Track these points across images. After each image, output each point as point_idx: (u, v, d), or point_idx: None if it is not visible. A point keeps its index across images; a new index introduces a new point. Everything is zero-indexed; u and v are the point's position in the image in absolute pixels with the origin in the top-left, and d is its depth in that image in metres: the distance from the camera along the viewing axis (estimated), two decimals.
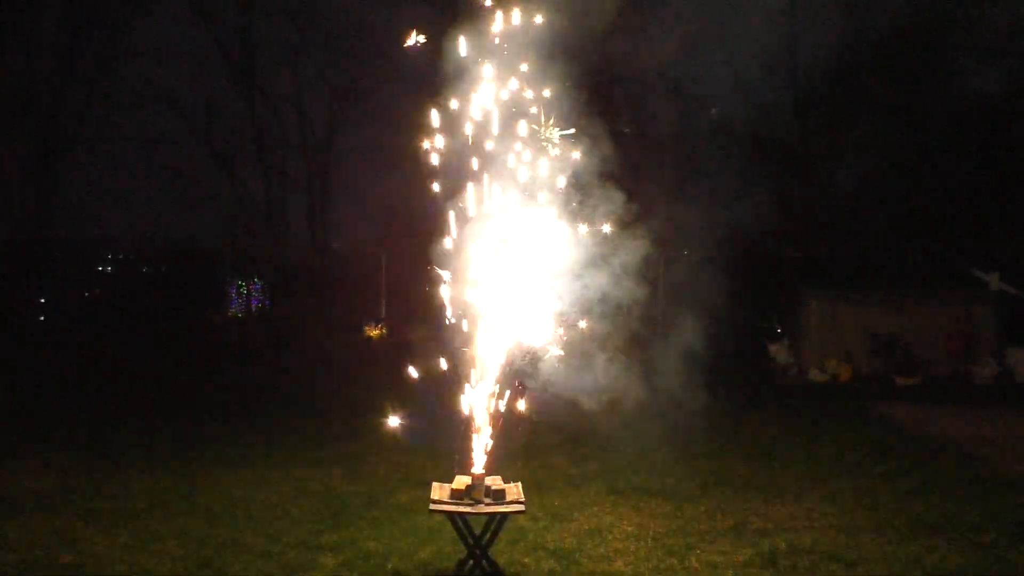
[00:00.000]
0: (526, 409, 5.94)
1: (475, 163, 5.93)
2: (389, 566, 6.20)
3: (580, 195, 6.30)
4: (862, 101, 22.71)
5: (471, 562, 5.74)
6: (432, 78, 6.01)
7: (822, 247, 21.31)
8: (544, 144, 5.99)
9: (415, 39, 5.95)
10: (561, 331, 6.05)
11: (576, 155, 6.15)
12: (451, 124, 5.98)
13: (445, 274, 5.94)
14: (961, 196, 21.07)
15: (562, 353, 6.04)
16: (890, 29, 22.11)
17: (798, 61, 23.84)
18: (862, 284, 18.12)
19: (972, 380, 15.52)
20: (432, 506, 5.67)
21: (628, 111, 21.91)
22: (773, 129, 24.33)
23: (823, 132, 23.60)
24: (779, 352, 16.99)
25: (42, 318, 20.76)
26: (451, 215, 5.96)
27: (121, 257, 27.00)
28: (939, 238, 20.85)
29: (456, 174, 5.99)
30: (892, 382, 15.51)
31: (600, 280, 6.33)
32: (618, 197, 6.48)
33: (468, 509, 5.60)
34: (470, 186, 5.94)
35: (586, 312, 6.31)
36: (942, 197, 21.29)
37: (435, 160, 5.97)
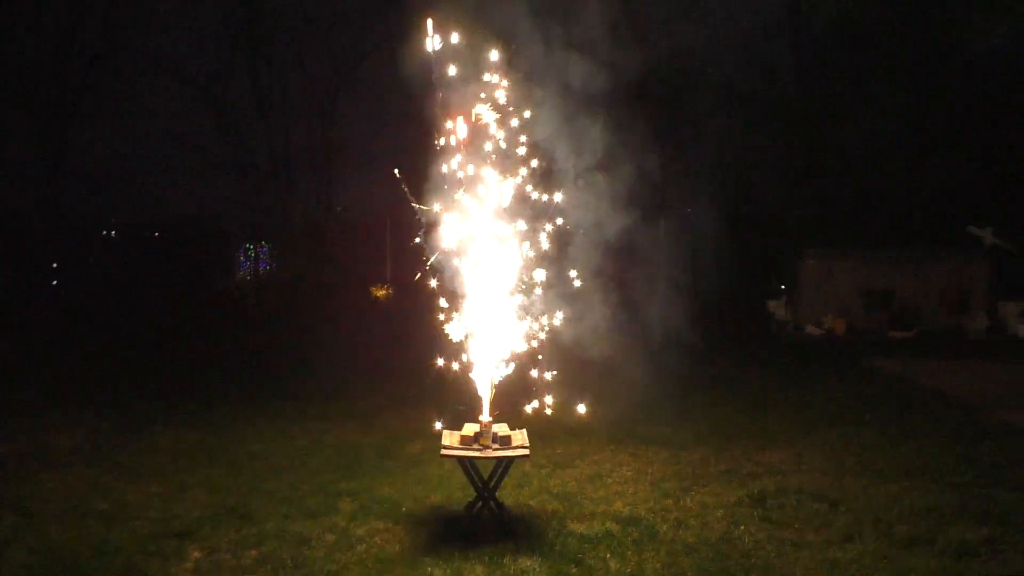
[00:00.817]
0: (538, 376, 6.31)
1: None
2: (403, 509, 6.64)
3: (580, 150, 6.59)
4: (866, 59, 22.81)
5: (480, 504, 6.17)
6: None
7: (822, 206, 21.60)
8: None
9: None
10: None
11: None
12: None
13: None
14: (960, 153, 21.31)
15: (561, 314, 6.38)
16: None
17: (802, 17, 23.93)
18: (860, 241, 18.51)
19: (965, 334, 15.93)
20: (443, 451, 6.09)
21: (630, 69, 22.03)
22: (776, 87, 24.48)
23: (827, 90, 23.71)
24: (777, 308, 17.40)
25: (55, 283, 21.20)
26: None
27: (127, 222, 27.25)
28: (937, 195, 21.14)
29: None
30: (887, 336, 15.94)
31: (600, 233, 6.65)
32: (618, 151, 6.79)
33: (476, 454, 6.01)
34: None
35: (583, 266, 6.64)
36: (942, 154, 21.52)
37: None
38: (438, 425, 6.35)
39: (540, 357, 6.30)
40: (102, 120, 23.09)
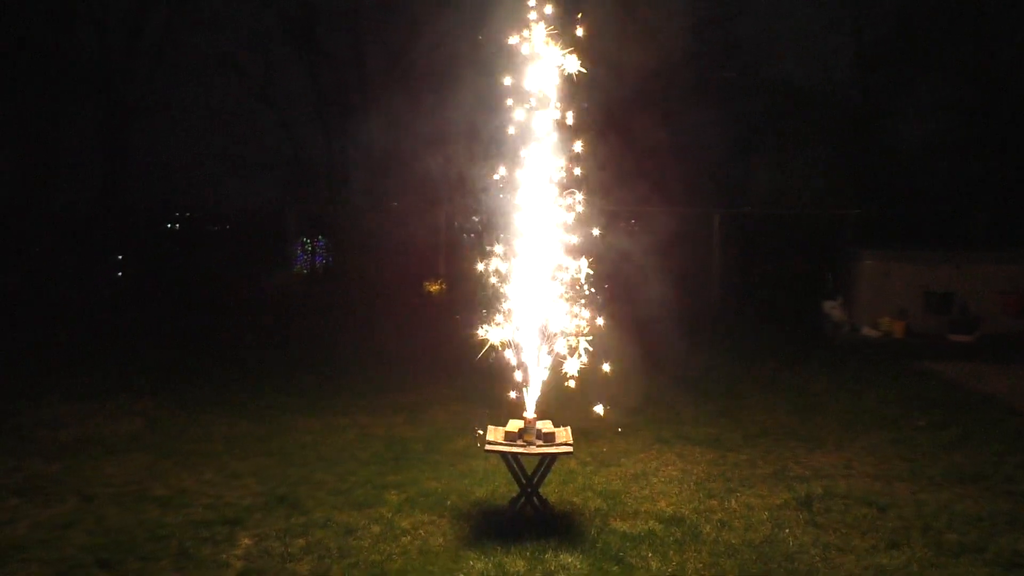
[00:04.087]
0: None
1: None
2: (448, 503, 6.73)
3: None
4: (928, 56, 22.31)
5: (523, 500, 6.23)
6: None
7: (882, 205, 21.19)
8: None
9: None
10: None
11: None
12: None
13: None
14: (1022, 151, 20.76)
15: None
16: None
17: (862, 15, 23.51)
18: (919, 242, 18.13)
19: None
20: (487, 447, 6.16)
21: (687, 69, 21.93)
22: (835, 85, 24.10)
23: (887, 88, 23.27)
24: (833, 309, 17.09)
25: (120, 274, 21.77)
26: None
27: (188, 215, 27.81)
28: (999, 194, 20.61)
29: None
30: (946, 339, 15.58)
31: (656, 235, 6.63)
32: (672, 148, 6.74)
33: (520, 450, 6.06)
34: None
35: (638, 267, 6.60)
36: (1004, 152, 20.98)
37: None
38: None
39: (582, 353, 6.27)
40: (163, 115, 23.69)
